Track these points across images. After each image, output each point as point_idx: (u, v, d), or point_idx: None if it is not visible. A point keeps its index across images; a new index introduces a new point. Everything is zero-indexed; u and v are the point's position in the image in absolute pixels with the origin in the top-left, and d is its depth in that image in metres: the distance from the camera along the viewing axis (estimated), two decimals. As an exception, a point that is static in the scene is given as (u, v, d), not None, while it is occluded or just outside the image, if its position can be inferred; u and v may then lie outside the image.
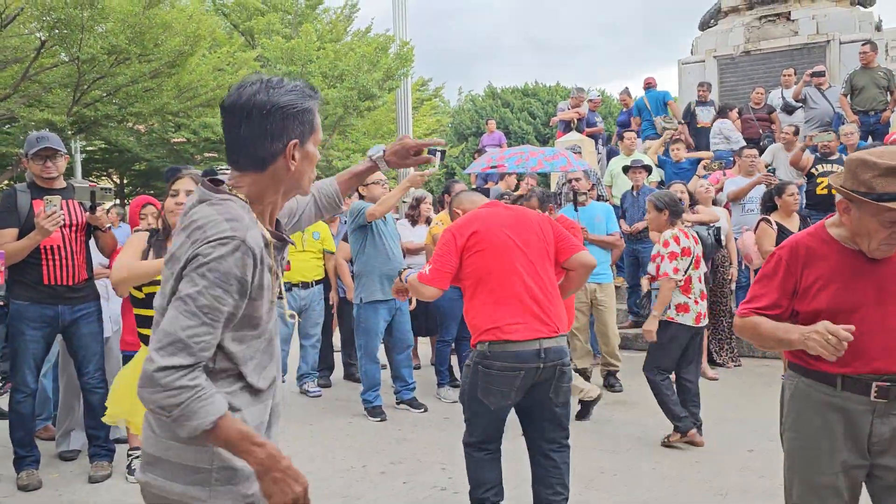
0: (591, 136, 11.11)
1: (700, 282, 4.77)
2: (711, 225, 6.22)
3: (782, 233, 5.83)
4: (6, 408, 4.53)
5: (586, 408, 5.29)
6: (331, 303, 6.51)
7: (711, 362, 6.72)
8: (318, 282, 6.16)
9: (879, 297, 2.18)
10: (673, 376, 4.82)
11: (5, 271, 4.02)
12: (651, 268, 4.86)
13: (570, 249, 3.31)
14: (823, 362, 2.18)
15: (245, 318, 1.64)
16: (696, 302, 4.71)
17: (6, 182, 16.53)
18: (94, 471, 4.34)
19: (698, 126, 10.13)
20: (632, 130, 9.70)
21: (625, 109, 11.75)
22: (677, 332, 4.68)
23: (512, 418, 3.30)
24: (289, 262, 5.46)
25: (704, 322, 4.82)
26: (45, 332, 4.21)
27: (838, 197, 2.23)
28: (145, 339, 2.76)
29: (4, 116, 14.93)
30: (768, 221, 5.72)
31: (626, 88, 11.85)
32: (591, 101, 11.67)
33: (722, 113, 9.99)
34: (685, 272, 4.68)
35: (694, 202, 6.48)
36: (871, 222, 2.11)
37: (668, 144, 9.61)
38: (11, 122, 15.40)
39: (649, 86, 11.54)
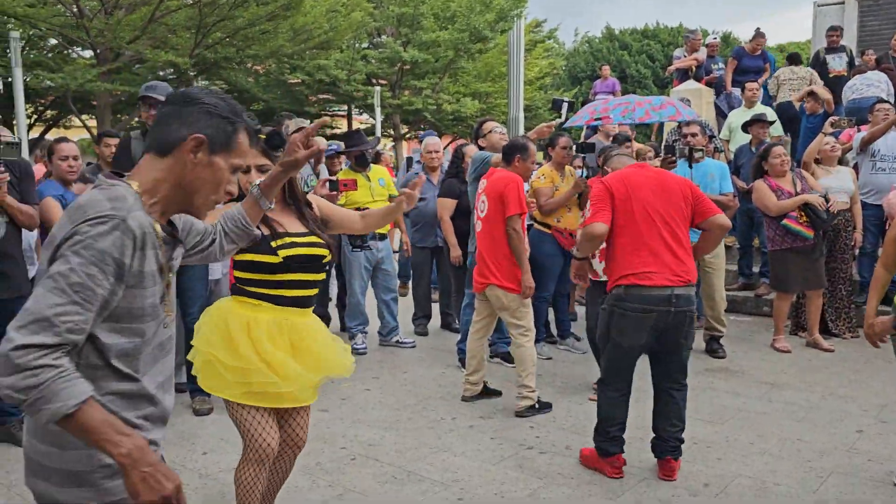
0: (709, 84, 10.46)
1: None
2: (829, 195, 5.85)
3: None
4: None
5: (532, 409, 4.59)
6: (405, 248, 6.54)
7: (826, 332, 6.32)
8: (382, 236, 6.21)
9: None
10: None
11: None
12: None
13: (707, 212, 3.67)
14: None
15: (124, 310, 1.54)
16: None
17: (136, 120, 17.53)
18: (196, 405, 4.62)
19: (830, 76, 9.32)
20: (754, 80, 8.98)
21: (755, 53, 10.29)
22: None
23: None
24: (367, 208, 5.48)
25: None
26: None
27: None
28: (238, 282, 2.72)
29: (134, 58, 15.73)
30: None
31: (759, 29, 10.39)
32: (708, 45, 10.91)
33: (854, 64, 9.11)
34: None
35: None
36: None
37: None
38: (140, 63, 16.19)
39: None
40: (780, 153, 6.02)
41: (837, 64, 9.35)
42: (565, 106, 5.39)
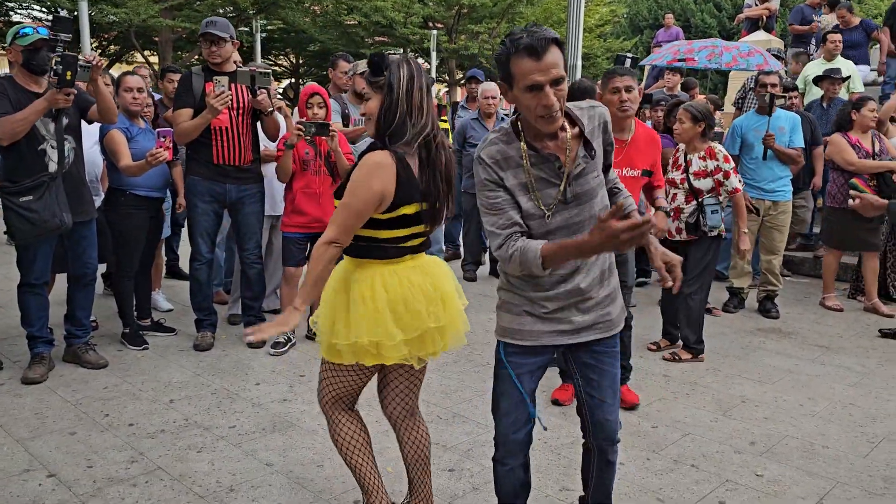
0: (806, 36, 9.93)
1: None
2: None
3: None
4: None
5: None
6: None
7: (887, 297, 6.14)
8: None
9: None
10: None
11: (173, 148, 4.34)
12: (705, 183, 4.60)
13: None
14: None
15: None
16: None
17: (197, 58, 17.69)
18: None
19: None
20: (836, 32, 8.51)
21: (848, 27, 9.28)
22: (721, 245, 4.75)
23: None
24: None
25: None
26: (214, 206, 4.56)
27: None
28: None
29: (194, -6, 15.78)
30: None
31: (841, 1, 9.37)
32: None
33: None
34: None
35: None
36: None
37: None
38: (200, 0, 16.25)
39: None
40: (875, 107, 5.80)
41: None
42: (628, 62, 5.24)
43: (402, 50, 22.02)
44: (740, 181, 4.67)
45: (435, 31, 17.58)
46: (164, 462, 3.18)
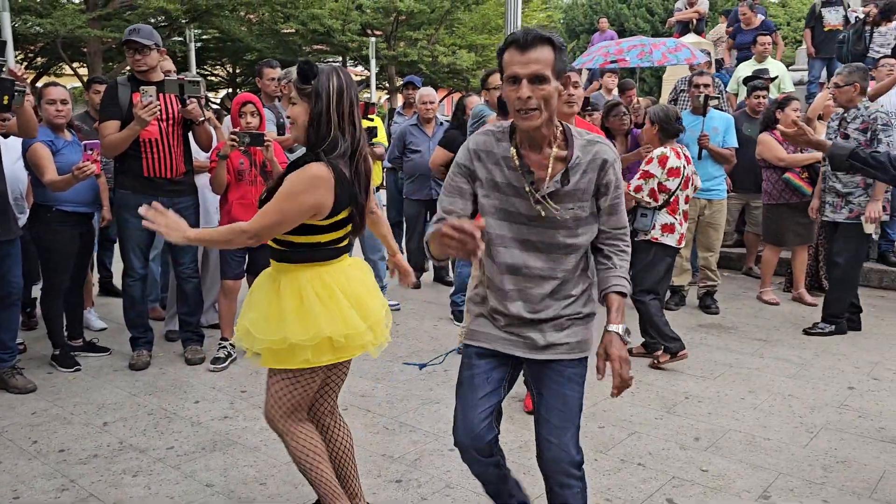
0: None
1: (686, 203, 4.67)
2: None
3: None
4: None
5: None
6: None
7: (819, 289, 6.33)
8: (377, 188, 5.96)
9: None
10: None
11: (101, 161, 4.18)
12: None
13: None
14: None
15: None
16: (681, 223, 4.64)
17: (127, 69, 17.24)
18: (189, 354, 4.61)
19: (825, 30, 9.10)
20: (766, 34, 8.74)
21: (749, 27, 9.66)
22: (661, 252, 4.65)
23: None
24: None
25: (683, 244, 4.78)
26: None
27: None
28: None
29: (124, 3, 15.37)
30: None
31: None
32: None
33: (886, 15, 8.66)
34: (672, 193, 4.56)
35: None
36: None
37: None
38: (131, 9, 15.84)
39: None
40: (798, 106, 5.97)
41: (833, 18, 9.12)
42: None
43: (340, 58, 21.90)
44: (637, 189, 4.52)
45: (373, 39, 17.51)
46: (97, 489, 3.04)
